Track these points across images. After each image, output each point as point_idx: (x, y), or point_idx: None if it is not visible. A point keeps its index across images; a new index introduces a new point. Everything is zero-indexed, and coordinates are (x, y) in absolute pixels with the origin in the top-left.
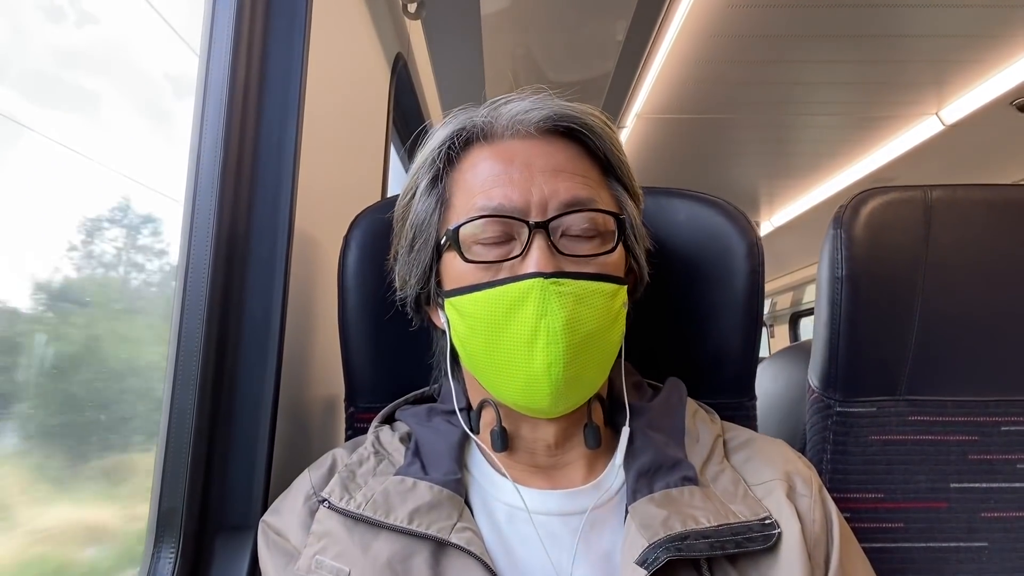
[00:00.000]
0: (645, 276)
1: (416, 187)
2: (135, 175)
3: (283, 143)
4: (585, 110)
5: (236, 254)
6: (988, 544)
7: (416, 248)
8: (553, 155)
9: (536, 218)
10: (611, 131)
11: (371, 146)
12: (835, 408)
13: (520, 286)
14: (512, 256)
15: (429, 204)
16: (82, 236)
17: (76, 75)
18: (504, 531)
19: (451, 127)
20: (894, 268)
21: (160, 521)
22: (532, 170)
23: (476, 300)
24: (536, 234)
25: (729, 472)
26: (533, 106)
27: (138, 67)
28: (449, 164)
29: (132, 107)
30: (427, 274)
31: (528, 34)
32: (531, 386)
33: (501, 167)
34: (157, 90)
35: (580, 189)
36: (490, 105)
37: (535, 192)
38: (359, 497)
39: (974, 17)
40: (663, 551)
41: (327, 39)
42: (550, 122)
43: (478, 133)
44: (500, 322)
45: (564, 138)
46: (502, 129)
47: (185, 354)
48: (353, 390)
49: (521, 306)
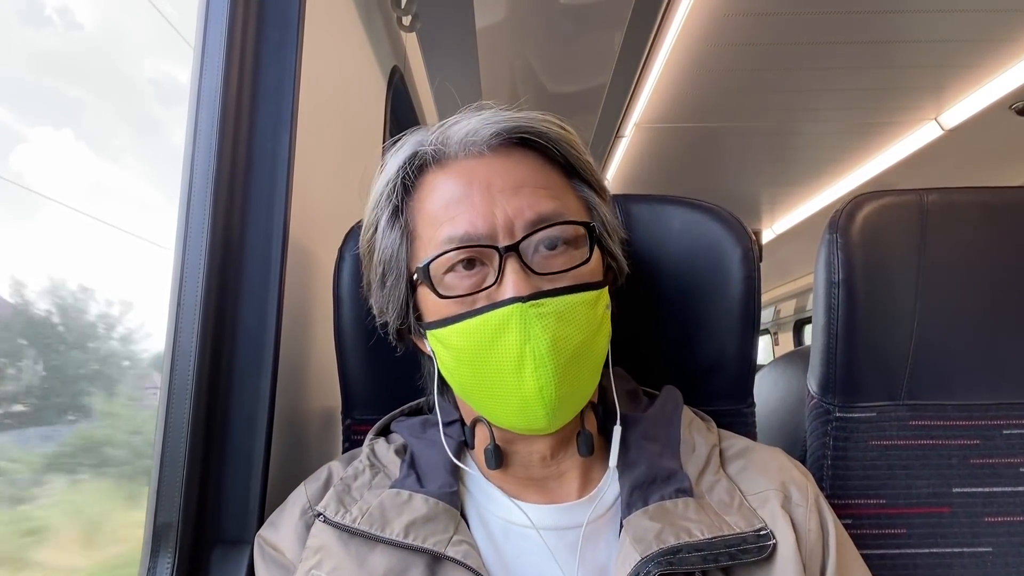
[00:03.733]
0: (624, 268)
1: (378, 222)
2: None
3: (276, 154)
4: (537, 117)
5: (230, 266)
6: (992, 549)
7: (388, 284)
8: (511, 170)
9: (504, 242)
10: (567, 132)
11: (367, 158)
12: (835, 414)
13: (499, 314)
14: (487, 284)
15: (394, 239)
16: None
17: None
18: (500, 544)
19: (402, 155)
20: (891, 272)
21: (156, 535)
22: (492, 191)
23: (457, 332)
24: (508, 258)
25: (725, 482)
26: (483, 123)
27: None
28: (406, 194)
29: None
30: (405, 308)
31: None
32: (525, 409)
33: (461, 191)
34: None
35: (544, 203)
36: (439, 127)
37: (499, 214)
38: (355, 511)
39: (972, 22)
40: (655, 565)
41: (321, 51)
42: (502, 136)
43: (430, 158)
44: (485, 351)
45: (520, 150)
46: (455, 151)
47: (179, 366)
48: (349, 402)
49: (503, 333)
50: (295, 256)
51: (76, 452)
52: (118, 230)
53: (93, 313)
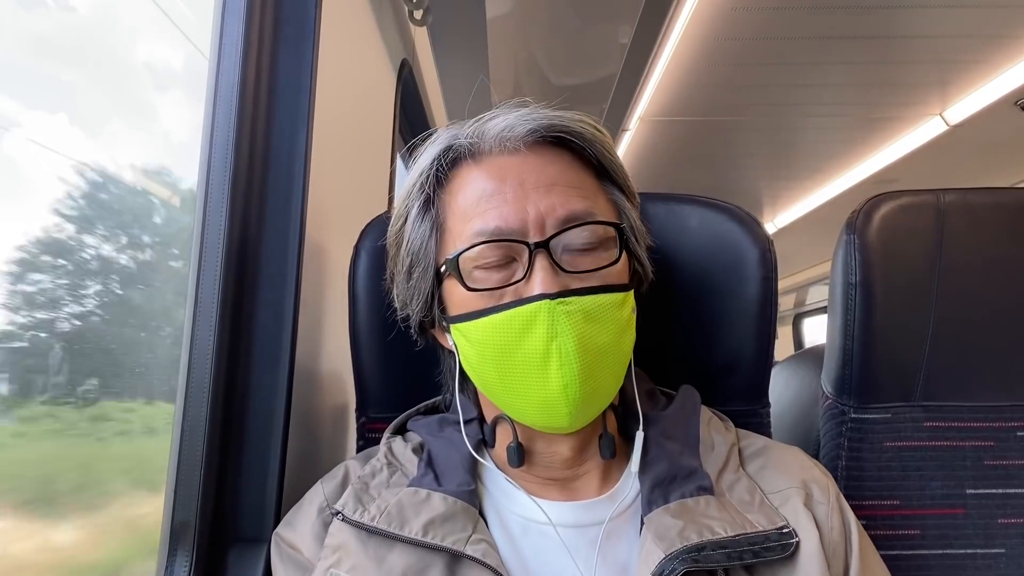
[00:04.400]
0: (649, 274)
1: (408, 212)
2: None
3: (294, 151)
4: (573, 117)
5: (247, 263)
6: (1005, 551)
7: (415, 275)
8: (545, 168)
9: (535, 238)
10: (601, 135)
11: (378, 153)
12: (849, 415)
13: (527, 309)
14: (515, 279)
15: (424, 230)
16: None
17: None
18: (519, 543)
19: (437, 147)
20: (908, 273)
21: (174, 534)
22: (525, 187)
23: (483, 326)
24: (537, 255)
25: (745, 481)
26: (519, 120)
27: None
28: (439, 186)
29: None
30: (430, 301)
31: (533, 38)
32: (548, 407)
33: (494, 186)
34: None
35: (576, 202)
36: (476, 122)
37: (531, 210)
38: (373, 509)
39: (977, 17)
40: (679, 562)
41: (335, 46)
42: (538, 134)
43: (465, 152)
44: (510, 347)
45: (554, 148)
46: (490, 146)
47: (197, 365)
48: (364, 399)
49: (530, 330)
50: (310, 253)
51: None
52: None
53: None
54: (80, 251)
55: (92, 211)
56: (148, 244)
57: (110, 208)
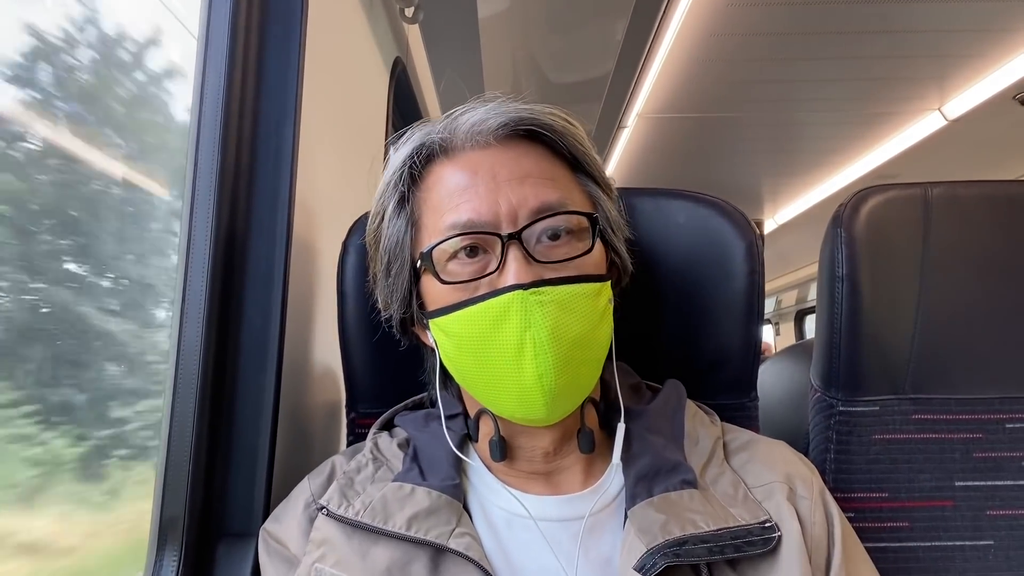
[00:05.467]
0: (628, 267)
1: (384, 211)
2: None
3: (280, 148)
4: (543, 110)
5: (235, 259)
6: (994, 543)
7: (393, 272)
8: (517, 161)
9: (508, 229)
10: (573, 127)
11: (370, 150)
12: (838, 407)
13: (500, 300)
14: (489, 271)
15: (399, 227)
16: None
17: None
18: (503, 536)
19: (410, 145)
20: (895, 266)
21: (162, 529)
22: (498, 180)
23: (459, 319)
24: (510, 246)
25: (729, 475)
26: (490, 114)
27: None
28: (413, 183)
29: None
30: (408, 297)
31: (527, 36)
32: (525, 398)
33: (466, 180)
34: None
35: (548, 193)
36: (447, 118)
37: (503, 202)
38: (357, 504)
39: (976, 11)
40: (661, 557)
41: (324, 43)
42: (509, 128)
43: (437, 148)
44: (486, 338)
45: (527, 142)
46: (462, 141)
47: (185, 360)
48: (354, 395)
49: (504, 321)
50: (298, 250)
51: None
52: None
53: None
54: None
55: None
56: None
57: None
